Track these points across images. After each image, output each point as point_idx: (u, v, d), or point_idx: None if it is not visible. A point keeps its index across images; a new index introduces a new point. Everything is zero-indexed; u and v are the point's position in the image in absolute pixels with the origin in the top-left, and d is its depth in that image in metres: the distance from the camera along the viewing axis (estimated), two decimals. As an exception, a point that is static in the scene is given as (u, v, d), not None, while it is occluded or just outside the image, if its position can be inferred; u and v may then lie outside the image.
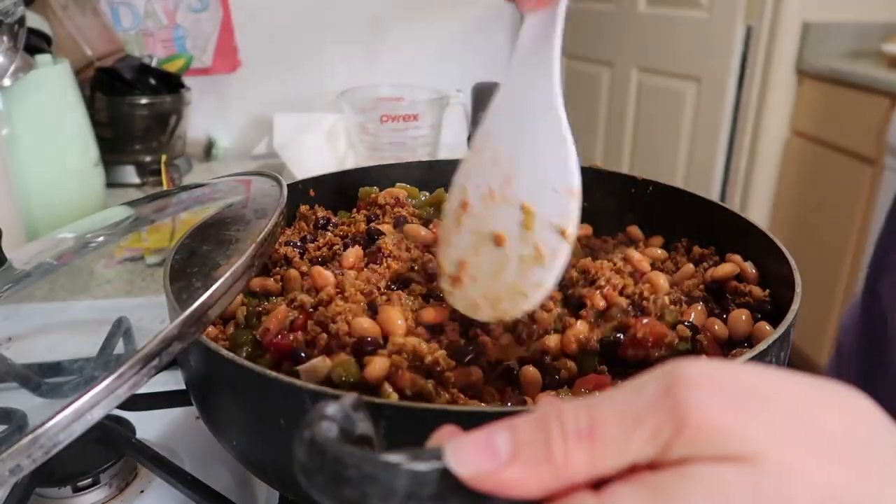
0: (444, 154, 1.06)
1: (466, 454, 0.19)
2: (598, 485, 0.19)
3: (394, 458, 0.19)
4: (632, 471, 0.19)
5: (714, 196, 1.97)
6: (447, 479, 0.19)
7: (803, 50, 1.88)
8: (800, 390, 0.20)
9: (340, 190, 0.60)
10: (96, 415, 0.26)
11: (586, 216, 0.60)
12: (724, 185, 2.11)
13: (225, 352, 0.33)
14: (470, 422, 0.20)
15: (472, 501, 0.19)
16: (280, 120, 1.16)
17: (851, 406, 0.20)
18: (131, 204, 0.52)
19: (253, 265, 0.34)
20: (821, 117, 1.85)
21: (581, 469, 0.19)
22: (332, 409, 0.21)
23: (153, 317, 0.67)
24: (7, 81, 0.75)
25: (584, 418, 0.19)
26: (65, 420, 0.24)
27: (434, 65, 1.40)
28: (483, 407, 0.34)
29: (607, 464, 0.19)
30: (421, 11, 1.38)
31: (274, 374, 0.32)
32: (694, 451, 0.18)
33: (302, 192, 0.58)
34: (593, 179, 0.60)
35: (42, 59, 0.84)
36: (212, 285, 0.31)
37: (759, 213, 2.05)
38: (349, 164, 1.06)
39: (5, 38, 0.74)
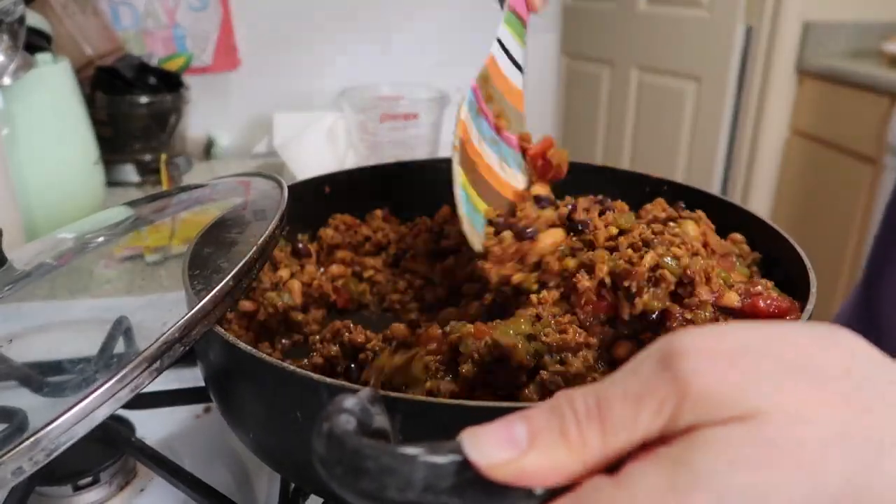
0: (444, 153, 1.06)
1: (484, 444, 0.19)
2: (614, 470, 0.20)
3: (412, 450, 0.19)
4: (644, 449, 0.20)
5: (714, 195, 1.96)
6: (465, 471, 0.19)
7: (803, 49, 1.88)
8: (792, 338, 0.20)
9: (355, 187, 0.60)
10: (98, 417, 0.26)
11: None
12: (725, 185, 2.11)
13: (244, 346, 0.33)
14: (485, 417, 0.20)
15: (490, 493, 0.19)
16: (280, 119, 1.16)
17: (845, 345, 0.20)
18: (131, 204, 0.52)
19: (253, 268, 0.34)
20: (821, 117, 1.85)
21: (596, 449, 0.19)
22: (350, 402, 0.21)
23: (153, 316, 0.67)
24: (7, 80, 0.75)
25: (593, 401, 0.20)
26: (66, 422, 0.25)
27: (434, 63, 1.40)
28: (499, 403, 0.35)
29: (619, 441, 0.19)
30: (421, 10, 1.38)
31: (292, 367, 0.32)
32: (700, 418, 0.19)
33: (317, 189, 0.58)
34: (607, 178, 0.60)
35: (42, 57, 0.84)
36: (213, 289, 0.31)
37: (759, 212, 2.05)
38: (349, 163, 1.06)
39: (5, 37, 0.74)
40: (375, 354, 0.41)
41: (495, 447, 0.19)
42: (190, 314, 0.30)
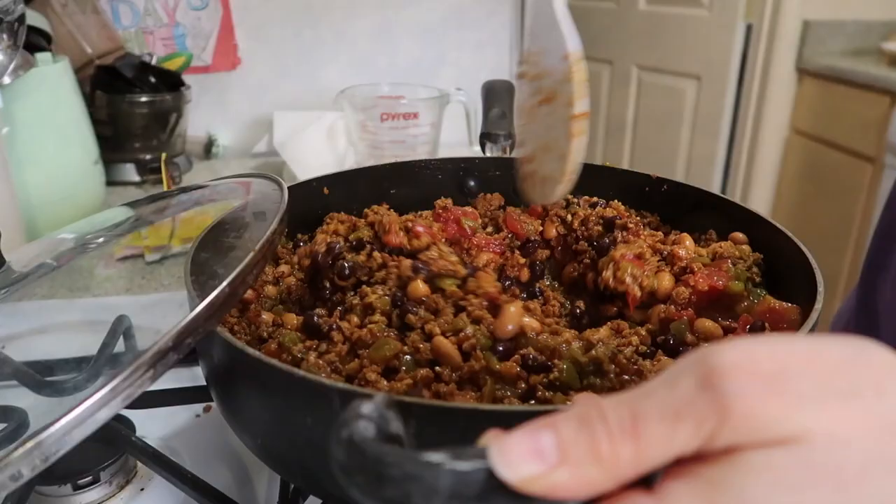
0: (443, 152, 1.06)
1: (513, 458, 0.19)
2: (648, 483, 0.20)
3: (436, 457, 0.19)
4: (679, 465, 0.20)
5: (714, 194, 1.95)
6: (490, 478, 0.19)
7: (803, 48, 1.88)
8: (827, 356, 0.20)
9: (354, 188, 0.60)
10: (94, 423, 0.26)
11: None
12: (725, 184, 2.11)
13: (251, 350, 0.33)
14: (501, 421, 0.20)
15: (516, 500, 0.19)
16: (280, 118, 1.16)
17: (877, 361, 0.20)
18: (131, 205, 0.52)
19: (252, 273, 0.34)
20: (821, 115, 1.85)
21: (629, 466, 0.19)
22: (367, 407, 0.20)
23: (153, 316, 0.67)
24: (7, 79, 0.75)
25: (626, 415, 0.19)
26: (65, 427, 0.25)
27: (434, 63, 1.40)
28: (515, 406, 0.34)
29: (653, 459, 0.19)
30: (421, 9, 1.38)
31: (302, 372, 0.31)
32: (740, 439, 0.19)
33: (316, 190, 0.58)
34: (607, 178, 0.60)
35: (42, 57, 0.84)
36: (208, 295, 0.31)
37: (759, 211, 2.04)
38: (349, 162, 1.06)
39: (5, 36, 0.74)
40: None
41: (523, 460, 0.19)
42: (184, 323, 0.29)
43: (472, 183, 0.63)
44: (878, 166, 1.64)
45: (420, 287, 0.41)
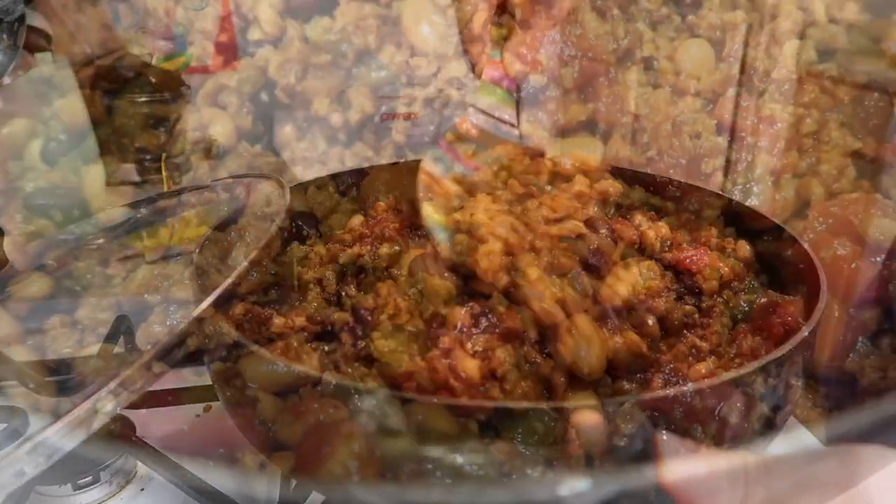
0: (443, 153, 1.06)
1: None
2: None
3: (435, 451, 0.19)
4: None
5: (713, 194, 1.96)
6: (487, 469, 0.19)
7: (803, 47, 1.88)
8: None
9: (354, 188, 0.61)
10: (99, 419, 0.26)
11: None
12: (724, 185, 2.12)
13: (256, 348, 0.33)
14: (502, 419, 0.20)
15: (511, 491, 0.19)
16: (280, 118, 1.16)
17: None
18: (131, 205, 0.52)
19: (252, 272, 0.34)
20: (821, 115, 1.85)
21: None
22: (368, 403, 0.21)
23: (153, 316, 0.67)
24: (7, 79, 0.75)
25: None
26: (66, 427, 0.25)
27: (435, 62, 1.40)
28: (513, 403, 0.34)
29: None
30: (422, 10, 1.38)
31: (305, 368, 0.32)
32: None
33: (316, 190, 0.58)
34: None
35: (42, 57, 0.84)
36: (209, 295, 0.31)
37: (759, 210, 2.05)
38: (349, 163, 1.06)
39: (5, 36, 0.74)
40: None
41: None
42: (185, 323, 0.30)
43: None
44: (879, 166, 1.64)
45: (460, 312, 0.41)
